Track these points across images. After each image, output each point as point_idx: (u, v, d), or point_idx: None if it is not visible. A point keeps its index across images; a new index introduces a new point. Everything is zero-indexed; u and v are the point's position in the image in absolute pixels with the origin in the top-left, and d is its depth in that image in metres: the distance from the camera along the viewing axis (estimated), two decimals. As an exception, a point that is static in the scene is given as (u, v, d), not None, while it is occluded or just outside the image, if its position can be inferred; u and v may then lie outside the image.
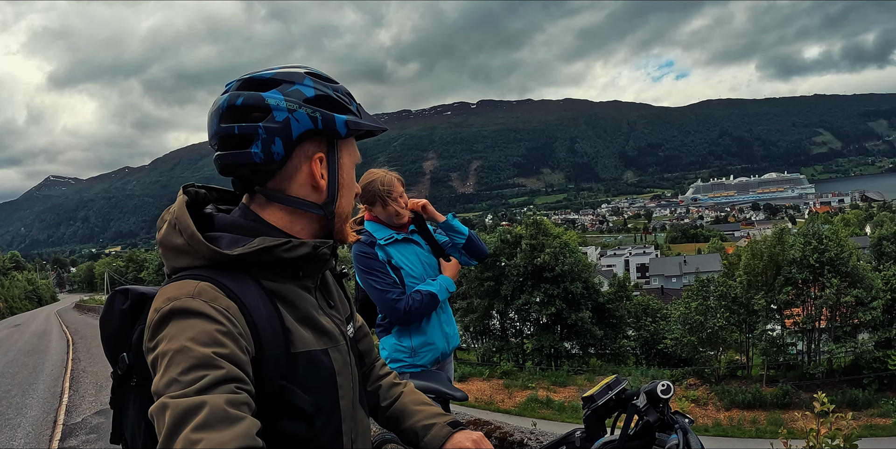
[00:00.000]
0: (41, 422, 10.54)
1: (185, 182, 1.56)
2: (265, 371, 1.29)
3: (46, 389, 13.88)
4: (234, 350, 1.20)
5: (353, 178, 1.56)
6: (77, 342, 24.98)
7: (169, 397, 1.10)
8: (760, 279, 37.31)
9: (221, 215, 1.47)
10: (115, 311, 1.43)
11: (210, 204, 1.56)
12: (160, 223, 1.44)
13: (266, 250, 1.35)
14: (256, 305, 1.32)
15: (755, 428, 30.14)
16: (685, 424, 1.47)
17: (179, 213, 1.39)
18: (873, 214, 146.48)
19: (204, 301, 1.25)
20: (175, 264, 1.38)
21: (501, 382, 38.96)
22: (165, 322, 1.23)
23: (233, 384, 1.15)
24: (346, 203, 1.54)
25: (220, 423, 1.06)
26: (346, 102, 1.47)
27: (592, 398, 1.64)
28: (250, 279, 1.36)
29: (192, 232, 1.34)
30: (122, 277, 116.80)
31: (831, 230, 37.59)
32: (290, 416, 1.34)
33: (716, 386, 35.39)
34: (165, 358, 1.16)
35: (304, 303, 1.45)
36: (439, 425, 1.64)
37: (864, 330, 34.87)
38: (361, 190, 3.66)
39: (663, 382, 1.51)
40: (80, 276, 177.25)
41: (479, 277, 45.11)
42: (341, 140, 1.48)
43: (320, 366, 1.40)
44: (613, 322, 44.94)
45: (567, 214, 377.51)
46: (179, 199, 1.44)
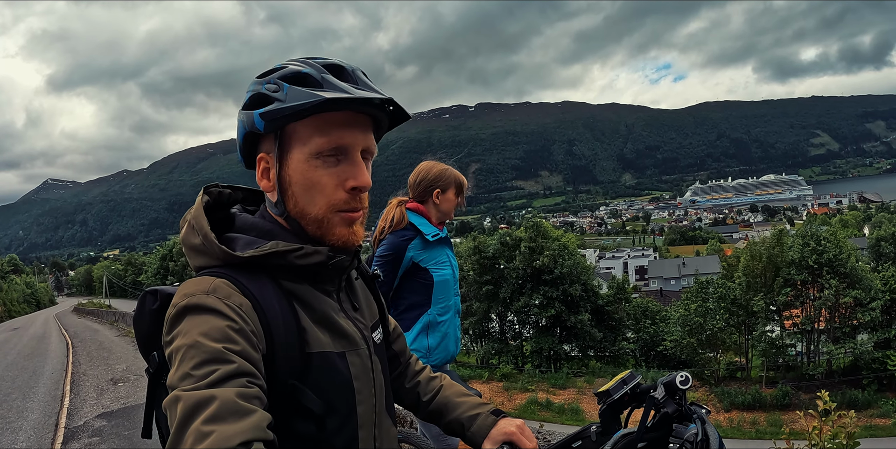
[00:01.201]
0: (43, 425, 10.51)
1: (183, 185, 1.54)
2: (277, 370, 1.28)
3: (47, 393, 13.84)
4: (245, 347, 1.20)
5: (310, 172, 1.37)
6: (76, 345, 24.95)
7: (181, 390, 1.10)
8: (759, 281, 37.38)
9: (244, 216, 1.47)
10: (146, 311, 1.44)
11: (238, 203, 1.56)
12: (182, 223, 1.46)
13: (278, 255, 1.34)
14: (271, 304, 1.32)
15: (755, 429, 30.18)
16: (703, 414, 1.48)
17: (196, 214, 1.41)
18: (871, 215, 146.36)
19: (218, 298, 1.25)
20: (195, 263, 1.40)
21: (501, 385, 38.98)
22: (181, 317, 1.24)
23: (244, 379, 1.14)
24: (304, 202, 1.39)
25: (231, 415, 1.05)
26: (272, 92, 1.35)
27: (608, 393, 1.65)
28: (268, 278, 1.36)
29: (205, 232, 1.36)
30: (120, 281, 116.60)
31: (829, 231, 37.73)
32: (301, 416, 1.32)
33: (715, 387, 35.44)
34: (179, 353, 1.17)
35: (322, 305, 1.43)
36: (484, 414, 1.66)
37: (863, 331, 34.95)
38: (428, 177, 3.66)
39: (682, 374, 1.52)
40: (79, 279, 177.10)
41: (478, 280, 45.13)
42: (294, 134, 1.37)
43: (335, 368, 1.38)
44: (612, 324, 44.97)
45: (565, 217, 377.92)
46: (198, 201, 1.46)
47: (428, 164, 3.76)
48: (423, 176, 3.71)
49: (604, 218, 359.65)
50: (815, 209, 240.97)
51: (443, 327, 3.70)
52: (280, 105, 1.32)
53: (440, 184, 3.67)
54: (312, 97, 1.30)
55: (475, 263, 45.53)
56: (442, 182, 3.67)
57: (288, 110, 1.31)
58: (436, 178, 3.68)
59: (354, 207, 1.40)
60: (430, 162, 3.77)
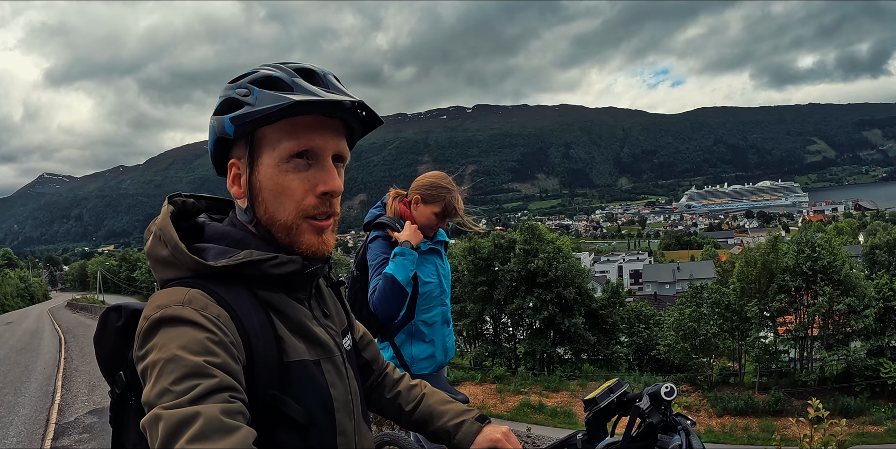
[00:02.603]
0: (34, 421, 10.50)
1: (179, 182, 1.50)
2: (257, 381, 1.25)
3: (39, 388, 13.82)
4: (226, 359, 1.16)
5: (280, 177, 1.34)
6: (69, 341, 24.90)
7: (162, 408, 1.05)
8: (754, 286, 37.42)
9: (213, 225, 1.44)
10: (110, 329, 1.40)
11: (203, 212, 1.52)
12: (147, 235, 1.41)
13: (252, 264, 1.31)
14: (248, 314, 1.29)
15: (747, 435, 30.23)
16: (687, 426, 1.48)
17: (163, 224, 1.36)
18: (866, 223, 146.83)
19: (194, 309, 1.21)
20: (162, 276, 1.35)
21: (494, 387, 38.98)
22: (155, 330, 1.19)
23: (226, 393, 1.11)
24: (273, 208, 1.36)
25: (216, 433, 1.02)
26: (242, 96, 1.33)
27: (594, 401, 1.65)
28: (243, 287, 1.33)
29: (175, 243, 1.31)
30: (114, 277, 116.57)
31: (824, 238, 37.74)
32: (284, 427, 1.29)
33: (708, 393, 35.46)
34: (156, 367, 1.12)
35: (296, 313, 1.40)
36: (469, 421, 1.65)
37: (857, 338, 34.98)
38: (421, 183, 3.56)
39: (667, 384, 1.51)
40: (73, 274, 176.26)
41: (472, 281, 45.15)
42: (264, 138, 1.34)
43: (312, 377, 1.36)
44: (606, 328, 45.00)
45: (561, 220, 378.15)
46: (164, 211, 1.42)
47: (437, 173, 3.65)
48: (419, 180, 3.64)
49: (599, 221, 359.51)
50: (811, 216, 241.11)
51: (428, 337, 3.63)
52: (250, 109, 1.30)
53: (424, 194, 3.56)
54: (281, 100, 1.27)
55: (470, 264, 45.55)
56: (427, 193, 3.56)
57: (257, 114, 1.28)
58: (424, 187, 3.57)
59: (325, 212, 1.37)
60: (441, 174, 3.65)
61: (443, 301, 3.74)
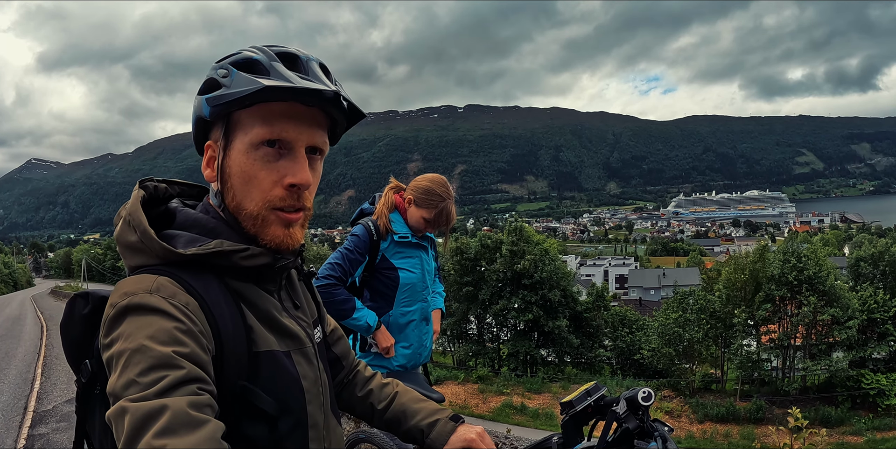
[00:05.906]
0: (11, 408, 10.39)
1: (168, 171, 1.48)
2: (226, 371, 1.22)
3: (18, 375, 13.69)
4: (194, 349, 1.13)
5: (249, 165, 1.30)
6: (51, 328, 24.66)
7: (128, 401, 1.02)
8: (740, 294, 37.57)
9: (185, 211, 1.40)
10: (76, 316, 1.36)
11: (175, 198, 1.49)
12: (116, 220, 1.37)
13: (222, 255, 1.29)
14: (218, 303, 1.26)
15: (728, 441, 30.32)
16: (664, 432, 1.47)
17: (132, 210, 1.33)
18: (852, 236, 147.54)
19: (162, 297, 1.17)
20: (131, 263, 1.32)
21: (476, 387, 38.93)
22: (121, 318, 1.15)
23: (194, 385, 1.07)
24: (241, 195, 1.33)
25: (184, 427, 0.99)
26: (222, 77, 1.29)
27: (571, 404, 1.63)
28: (212, 276, 1.30)
29: (144, 229, 1.28)
30: (99, 265, 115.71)
31: (810, 249, 37.87)
32: (253, 418, 1.26)
33: (690, 399, 35.58)
34: (122, 357, 1.09)
35: (266, 304, 1.38)
36: (443, 421, 1.62)
37: (839, 349, 35.16)
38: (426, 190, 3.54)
39: (644, 389, 1.50)
40: (58, 261, 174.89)
41: (458, 280, 45.10)
42: (238, 122, 1.31)
43: (283, 368, 1.33)
44: (590, 331, 45.03)
45: (549, 222, 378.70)
46: (134, 195, 1.39)
47: (436, 178, 3.65)
48: (417, 181, 3.64)
49: (587, 225, 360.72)
50: (797, 227, 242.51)
51: (406, 332, 3.64)
52: (225, 90, 1.26)
53: (418, 197, 3.57)
54: (253, 84, 1.23)
55: (456, 264, 45.50)
56: (420, 197, 3.57)
57: (229, 97, 1.25)
58: (420, 190, 3.58)
59: (292, 205, 1.33)
60: (440, 179, 3.65)
61: (424, 297, 3.73)
